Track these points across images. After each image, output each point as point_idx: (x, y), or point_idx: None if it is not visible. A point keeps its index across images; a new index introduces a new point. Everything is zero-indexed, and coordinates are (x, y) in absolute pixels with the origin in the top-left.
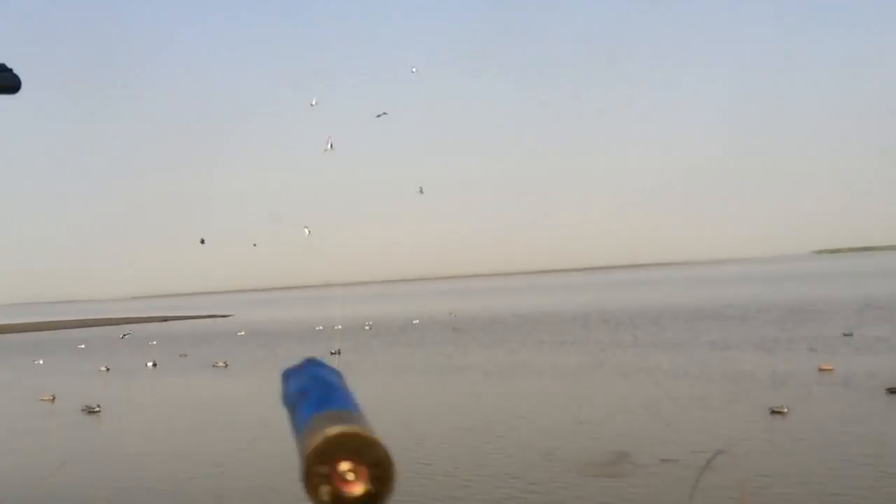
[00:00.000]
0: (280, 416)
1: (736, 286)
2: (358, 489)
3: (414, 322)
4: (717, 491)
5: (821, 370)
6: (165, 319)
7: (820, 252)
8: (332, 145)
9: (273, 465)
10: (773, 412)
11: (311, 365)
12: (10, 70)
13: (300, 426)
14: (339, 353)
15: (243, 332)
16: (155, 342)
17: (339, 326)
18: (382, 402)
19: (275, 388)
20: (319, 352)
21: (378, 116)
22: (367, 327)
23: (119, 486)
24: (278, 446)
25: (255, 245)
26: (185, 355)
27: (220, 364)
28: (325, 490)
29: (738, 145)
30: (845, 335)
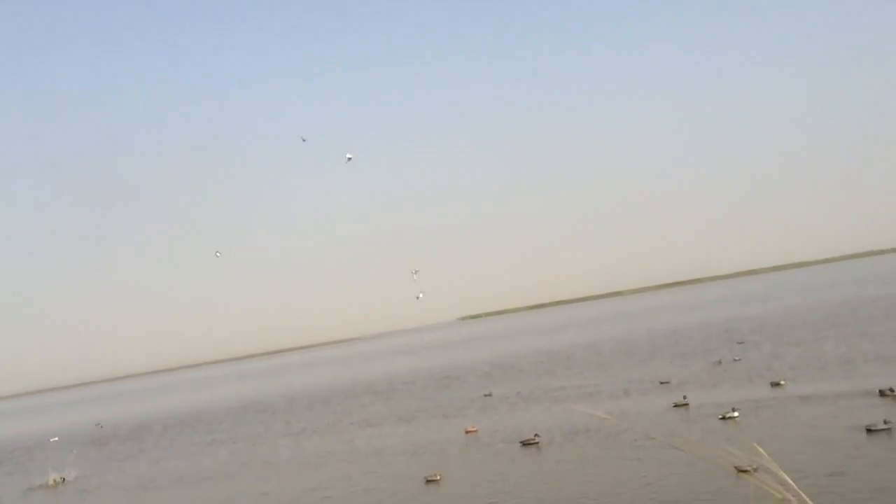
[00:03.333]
0: None
1: (386, 360)
2: None
3: (52, 440)
4: None
5: (467, 432)
6: None
7: (464, 318)
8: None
9: None
10: (429, 481)
11: None
12: None
13: None
14: None
15: None
16: None
17: None
18: None
19: None
20: None
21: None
22: None
23: None
24: None
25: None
26: None
27: None
28: None
29: (382, 226)
30: (486, 395)
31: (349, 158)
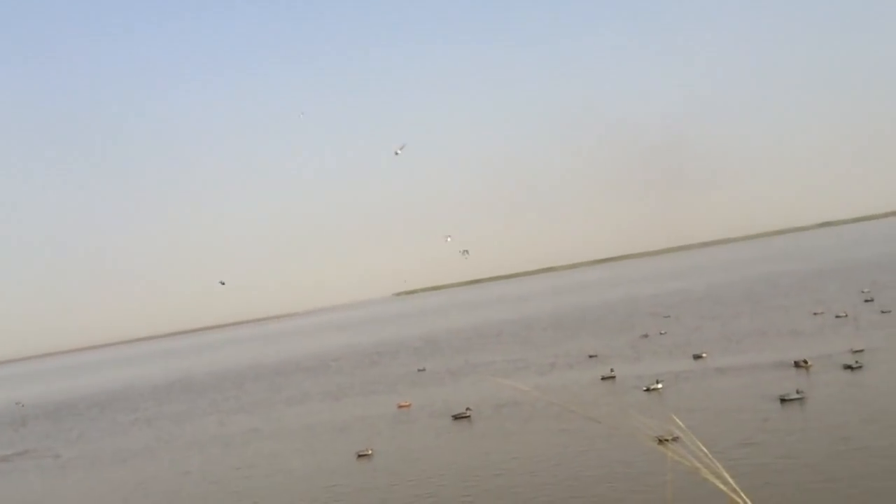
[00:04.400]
0: None
1: (318, 337)
2: None
3: None
4: None
5: (400, 407)
6: None
7: (399, 294)
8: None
9: None
10: (360, 456)
11: None
12: None
13: None
14: None
15: None
16: None
17: None
18: None
19: None
20: None
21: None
22: None
23: None
24: None
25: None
26: None
27: None
28: None
29: (319, 206)
30: (419, 371)
31: (397, 152)
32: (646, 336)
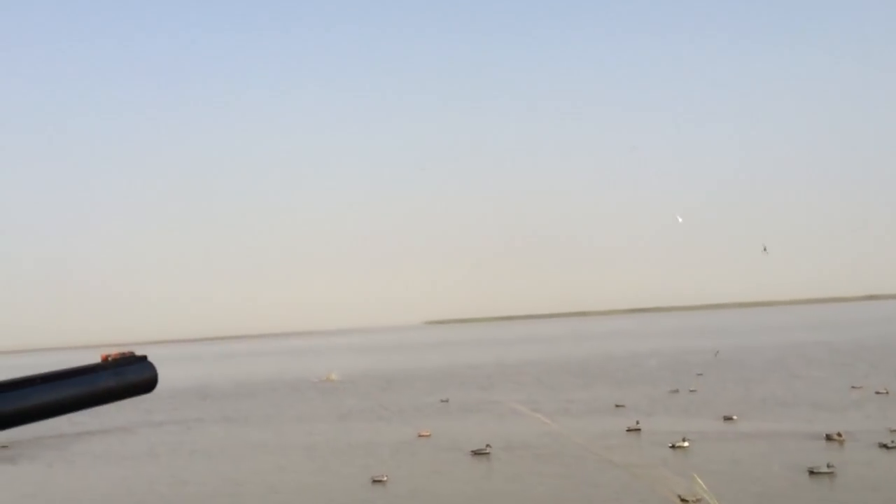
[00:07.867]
0: None
1: (348, 357)
2: None
3: None
4: None
5: (420, 436)
6: None
7: (430, 323)
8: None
9: None
10: (375, 481)
11: None
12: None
13: None
14: None
15: None
16: None
17: None
18: None
19: None
20: None
21: None
22: None
23: None
24: None
25: None
26: None
27: None
28: None
29: (358, 223)
30: (442, 401)
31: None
32: (675, 391)
